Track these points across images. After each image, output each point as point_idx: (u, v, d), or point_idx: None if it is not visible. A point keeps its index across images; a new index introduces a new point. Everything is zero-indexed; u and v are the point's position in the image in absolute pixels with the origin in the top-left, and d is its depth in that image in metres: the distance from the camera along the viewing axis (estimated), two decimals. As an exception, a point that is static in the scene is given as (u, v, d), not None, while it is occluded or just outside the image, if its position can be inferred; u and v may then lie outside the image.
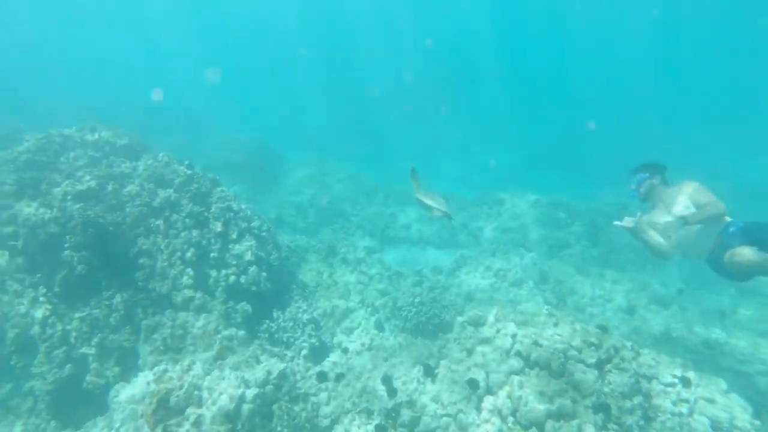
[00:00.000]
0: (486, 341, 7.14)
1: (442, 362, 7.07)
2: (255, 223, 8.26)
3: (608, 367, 6.49)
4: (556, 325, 7.39)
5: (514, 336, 6.98)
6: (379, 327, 8.62)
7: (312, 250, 10.50)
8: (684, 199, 5.44)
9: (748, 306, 10.44)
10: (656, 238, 5.57)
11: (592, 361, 6.43)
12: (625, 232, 5.77)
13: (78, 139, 8.54)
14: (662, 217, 5.56)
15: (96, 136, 8.67)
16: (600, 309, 10.01)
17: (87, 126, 8.93)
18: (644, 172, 5.78)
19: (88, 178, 7.76)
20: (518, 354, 6.70)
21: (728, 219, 5.22)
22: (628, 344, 6.77)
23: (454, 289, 10.20)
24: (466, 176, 19.98)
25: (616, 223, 5.68)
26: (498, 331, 7.22)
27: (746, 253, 4.55)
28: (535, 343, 6.76)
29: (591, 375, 6.22)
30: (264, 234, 8.34)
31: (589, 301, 10.18)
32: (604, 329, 7.40)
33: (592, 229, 12.82)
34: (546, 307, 9.21)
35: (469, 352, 7.10)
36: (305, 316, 8.28)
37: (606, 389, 6.10)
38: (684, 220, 5.34)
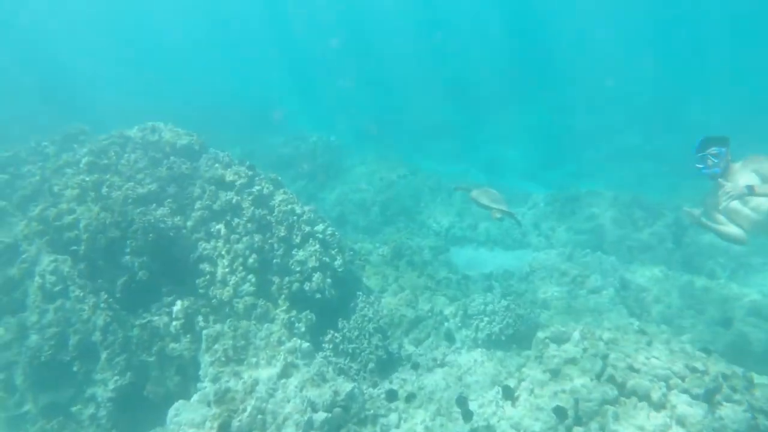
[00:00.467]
0: (572, 362, 6.41)
1: (523, 384, 6.39)
2: (319, 227, 7.79)
3: (717, 398, 5.64)
4: (649, 344, 6.60)
5: (605, 358, 6.22)
6: (450, 338, 7.99)
7: (376, 252, 9.98)
8: (749, 174, 4.89)
9: None
10: (726, 226, 5.15)
11: (699, 391, 5.61)
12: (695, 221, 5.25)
13: (139, 140, 8.32)
14: (728, 196, 4.81)
15: (156, 136, 8.43)
16: (690, 321, 8.97)
17: (148, 126, 8.72)
18: (718, 146, 5.02)
19: (148, 180, 7.52)
20: (611, 380, 5.94)
21: None
22: (739, 371, 5.89)
23: (527, 295, 9.43)
24: (532, 171, 18.89)
25: (685, 208, 5.31)
26: (585, 350, 6.48)
27: None
28: (631, 368, 5.99)
29: (699, 409, 5.41)
30: (328, 238, 7.87)
31: (677, 312, 9.16)
32: (707, 352, 6.50)
33: (675, 229, 11.67)
34: (635, 322, 8.35)
35: (554, 374, 6.39)
36: (371, 325, 7.75)
37: (716, 425, 5.28)
38: (750, 190, 4.66)
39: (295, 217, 7.56)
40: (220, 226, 7.26)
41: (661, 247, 11.29)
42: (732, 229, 5.12)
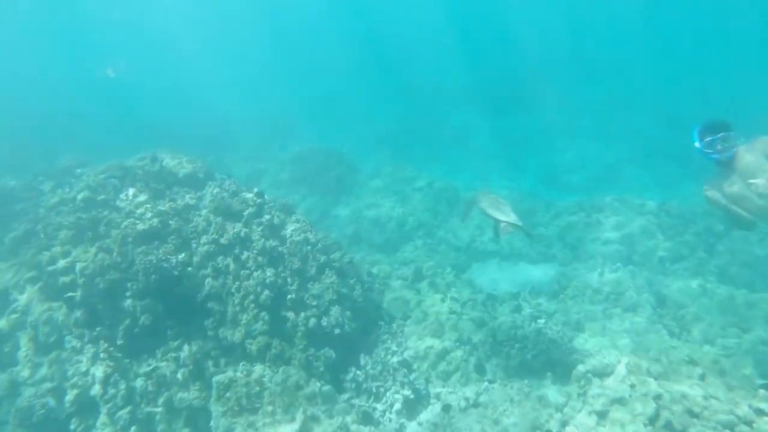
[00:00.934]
0: (620, 402, 5.77)
1: (568, 429, 5.74)
2: (335, 255, 7.22)
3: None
4: (703, 378, 5.95)
5: (657, 398, 5.56)
6: (480, 369, 7.36)
7: (396, 274, 9.39)
8: (760, 159, 4.64)
9: None
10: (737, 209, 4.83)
11: (771, 441, 4.95)
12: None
13: (139, 171, 7.81)
14: (741, 182, 4.68)
15: (157, 166, 7.92)
16: (735, 341, 8.24)
17: (148, 155, 8.22)
18: (726, 131, 4.75)
19: (149, 215, 6.99)
20: (669, 427, 5.26)
21: None
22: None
23: (558, 315, 8.78)
24: (554, 176, 18.12)
25: (708, 190, 4.92)
26: (633, 387, 5.84)
27: None
28: (689, 413, 5.32)
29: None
30: (346, 267, 7.29)
31: (719, 331, 8.42)
32: (768, 388, 5.82)
33: (707, 237, 10.89)
34: (679, 345, 7.69)
35: (601, 417, 5.76)
36: (395, 359, 7.18)
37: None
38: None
39: (309, 247, 6.98)
40: (229, 261, 6.70)
41: (693, 257, 10.52)
42: (746, 214, 4.78)
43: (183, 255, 6.68)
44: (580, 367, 6.44)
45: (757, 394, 5.52)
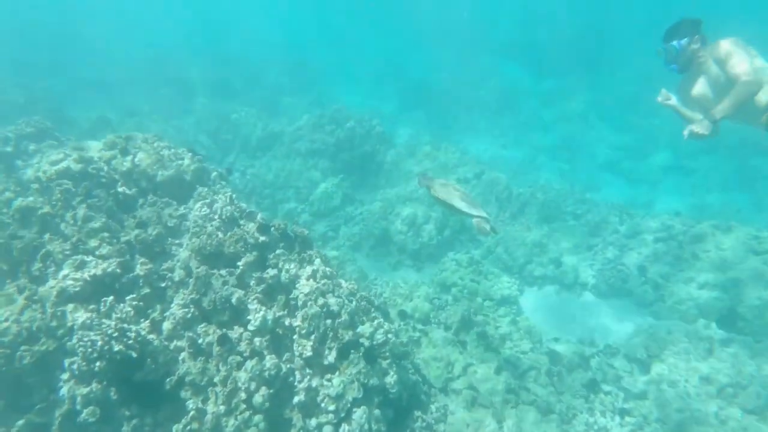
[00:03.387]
0: None
1: None
2: (365, 329, 5.06)
3: None
4: None
5: None
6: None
7: (435, 321, 7.28)
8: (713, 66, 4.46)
9: None
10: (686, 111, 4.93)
11: None
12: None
13: (102, 170, 5.59)
14: (700, 89, 4.64)
15: (128, 162, 5.69)
16: None
17: (119, 141, 5.97)
18: (682, 37, 4.61)
19: (105, 250, 4.83)
20: None
21: None
22: None
23: (648, 401, 6.69)
24: (617, 161, 15.49)
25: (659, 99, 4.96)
26: None
27: None
28: None
29: None
30: (378, 345, 5.14)
31: None
32: None
33: None
34: None
35: None
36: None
37: None
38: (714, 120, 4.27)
39: (329, 321, 4.82)
40: (212, 337, 4.60)
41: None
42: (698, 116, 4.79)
43: (146, 324, 4.58)
44: None
45: None
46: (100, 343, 4.14)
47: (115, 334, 4.22)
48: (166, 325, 4.71)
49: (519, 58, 22.68)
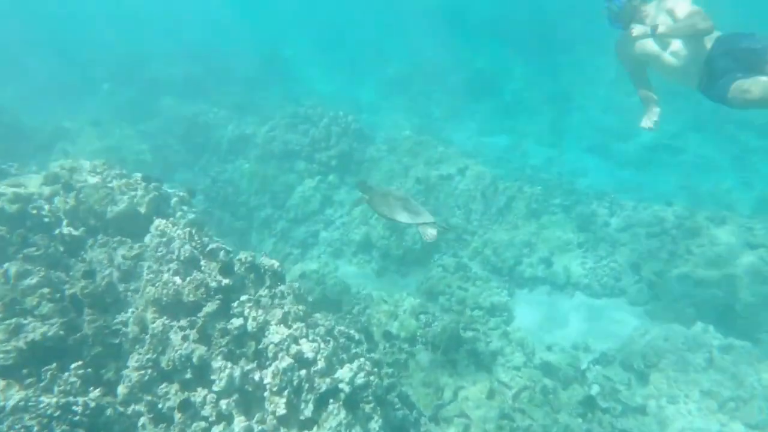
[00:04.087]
0: None
1: None
2: (344, 374, 4.59)
3: None
4: None
5: None
6: None
7: (422, 340, 6.83)
8: (662, 15, 4.21)
9: None
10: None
11: None
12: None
13: (43, 208, 5.03)
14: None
15: (70, 201, 5.12)
16: None
17: (61, 175, 5.40)
18: None
19: (45, 309, 4.29)
20: None
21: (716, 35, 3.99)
22: None
23: (648, 417, 6.36)
24: (603, 144, 15.00)
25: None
26: None
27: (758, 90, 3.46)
28: None
29: None
30: (359, 390, 4.69)
31: None
32: None
33: None
34: None
35: None
36: None
37: None
38: (654, 30, 4.12)
39: (304, 372, 4.35)
40: (173, 401, 4.11)
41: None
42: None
43: (98, 391, 4.07)
44: None
45: None
46: (36, 429, 3.63)
47: (57, 414, 3.71)
48: (122, 389, 4.21)
49: (501, 37, 22.00)
